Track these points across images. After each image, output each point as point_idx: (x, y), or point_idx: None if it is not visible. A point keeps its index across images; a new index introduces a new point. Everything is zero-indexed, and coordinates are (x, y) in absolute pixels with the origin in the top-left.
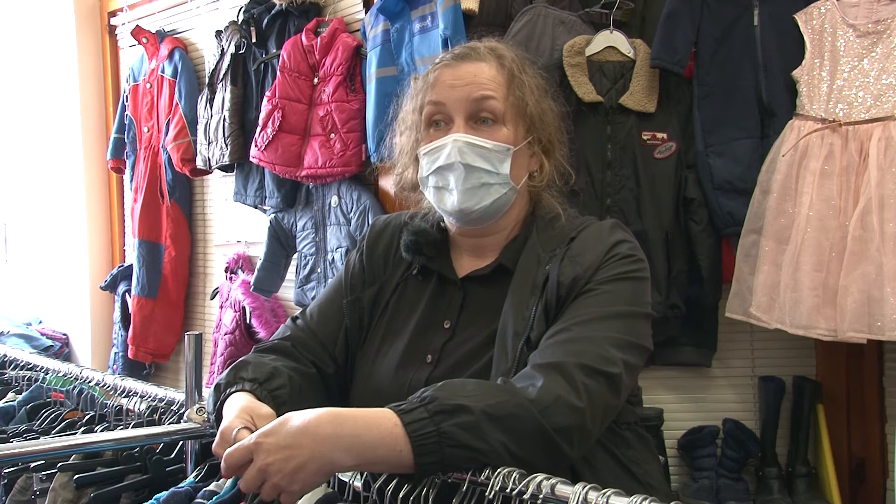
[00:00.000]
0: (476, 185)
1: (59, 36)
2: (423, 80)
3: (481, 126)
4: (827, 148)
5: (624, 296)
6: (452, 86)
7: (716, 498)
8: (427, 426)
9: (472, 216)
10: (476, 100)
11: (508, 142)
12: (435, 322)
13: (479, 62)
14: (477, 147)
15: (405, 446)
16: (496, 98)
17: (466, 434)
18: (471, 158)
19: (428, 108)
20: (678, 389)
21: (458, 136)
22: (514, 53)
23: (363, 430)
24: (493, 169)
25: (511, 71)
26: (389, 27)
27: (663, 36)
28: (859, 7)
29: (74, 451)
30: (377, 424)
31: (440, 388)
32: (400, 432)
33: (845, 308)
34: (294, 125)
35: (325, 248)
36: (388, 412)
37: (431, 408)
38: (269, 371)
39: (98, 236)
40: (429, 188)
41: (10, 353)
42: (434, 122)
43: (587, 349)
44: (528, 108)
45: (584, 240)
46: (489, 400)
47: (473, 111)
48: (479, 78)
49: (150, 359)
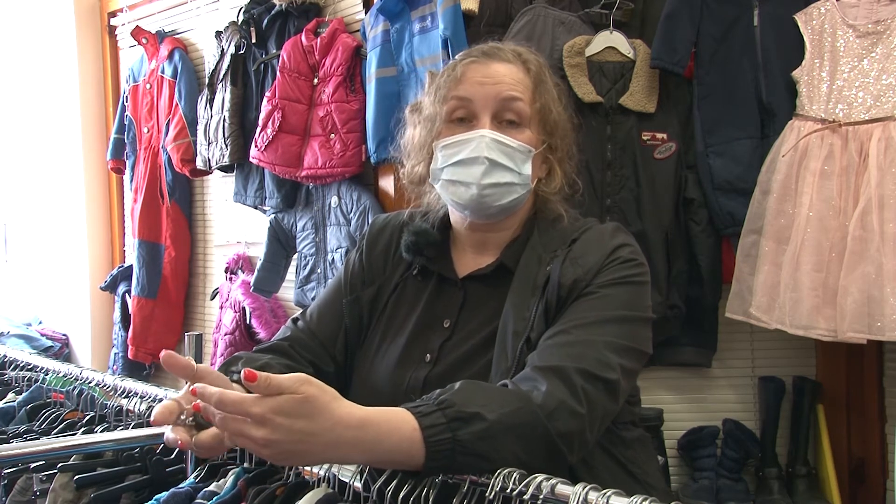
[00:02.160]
0: (500, 182)
1: (59, 36)
2: (447, 73)
3: (506, 127)
4: (827, 148)
5: (624, 300)
6: (482, 83)
7: (716, 498)
8: (443, 432)
9: (490, 211)
10: (505, 99)
11: (531, 143)
12: (434, 321)
13: (508, 63)
14: (503, 145)
15: (419, 451)
16: (523, 101)
17: (481, 443)
18: (496, 155)
19: (453, 102)
20: (678, 389)
21: (486, 132)
22: (537, 59)
23: (385, 436)
24: (517, 168)
25: (538, 76)
26: (389, 27)
27: (663, 36)
28: (859, 7)
29: (74, 452)
30: (398, 429)
31: (457, 393)
32: (417, 437)
33: (845, 308)
34: (294, 125)
35: (325, 249)
36: (407, 416)
37: (449, 413)
38: (259, 366)
39: (98, 237)
40: (440, 181)
41: (10, 354)
42: (458, 117)
43: (586, 353)
44: (551, 116)
45: (586, 242)
46: (505, 408)
47: (500, 110)
48: (508, 79)
49: (150, 359)
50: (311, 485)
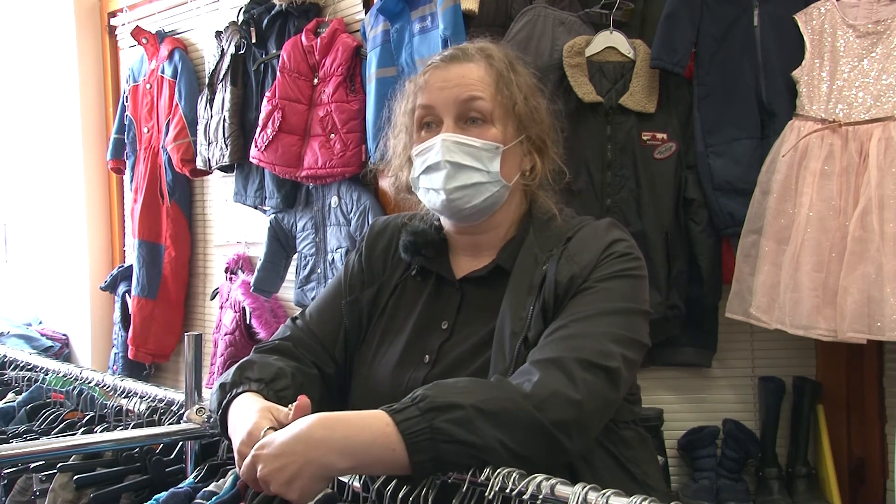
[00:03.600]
0: (466, 184)
1: (60, 36)
2: (413, 83)
3: (470, 126)
4: (827, 148)
5: (621, 293)
6: (441, 88)
7: (716, 498)
8: (419, 423)
9: (463, 213)
10: (464, 101)
11: (497, 140)
12: (433, 322)
13: (468, 63)
14: (465, 146)
15: (398, 445)
16: (483, 98)
17: (459, 429)
18: (458, 157)
19: (418, 111)
20: (678, 390)
21: (446, 135)
22: (503, 53)
23: (355, 432)
24: (483, 167)
25: (499, 70)
26: (389, 28)
27: (663, 36)
28: (859, 7)
29: (74, 452)
30: (369, 425)
31: (431, 388)
32: (392, 431)
33: (845, 308)
34: (294, 126)
35: (325, 249)
36: (379, 413)
37: (423, 405)
38: (274, 371)
39: (98, 237)
40: (420, 189)
41: (10, 354)
42: (425, 123)
43: (585, 344)
44: (516, 107)
45: (581, 239)
46: (480, 396)
47: (462, 112)
48: (467, 79)
49: (150, 359)
50: None
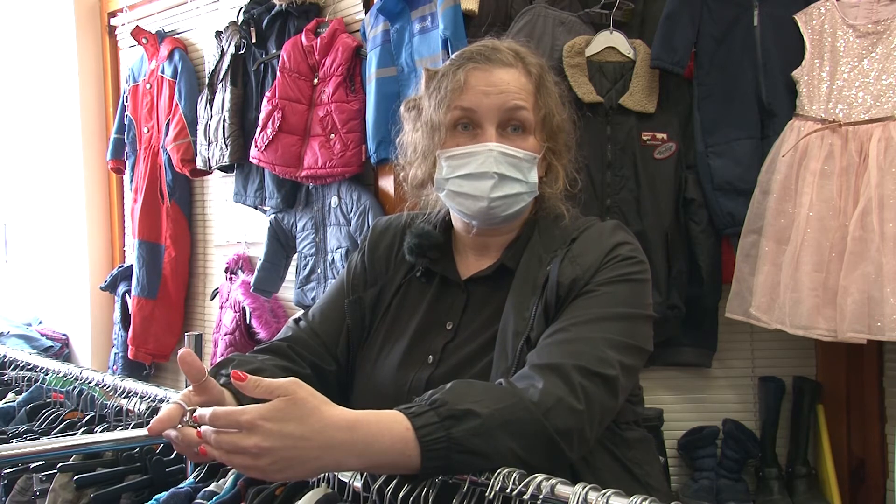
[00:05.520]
0: (509, 194)
1: (60, 36)
2: (448, 79)
3: (511, 134)
4: (827, 148)
5: (623, 297)
6: (486, 93)
7: (716, 498)
8: (437, 431)
9: (497, 220)
10: (509, 109)
11: (535, 150)
12: (437, 323)
13: (509, 68)
14: (510, 157)
15: (414, 451)
16: (527, 108)
17: (476, 440)
18: (504, 168)
19: (456, 111)
20: (678, 390)
21: (494, 145)
22: (536, 59)
23: (377, 437)
24: (524, 178)
25: (539, 79)
26: (389, 28)
27: (663, 36)
28: (859, 7)
29: (74, 452)
30: (389, 430)
31: (449, 391)
32: (411, 437)
33: (845, 308)
34: (294, 126)
35: (325, 249)
36: (399, 416)
37: (442, 412)
38: (253, 368)
39: (98, 237)
40: (446, 191)
41: (10, 354)
42: (462, 125)
43: (584, 350)
44: (554, 120)
45: (585, 241)
46: (497, 404)
47: (504, 120)
48: (512, 86)
49: (150, 359)
50: (310, 485)
